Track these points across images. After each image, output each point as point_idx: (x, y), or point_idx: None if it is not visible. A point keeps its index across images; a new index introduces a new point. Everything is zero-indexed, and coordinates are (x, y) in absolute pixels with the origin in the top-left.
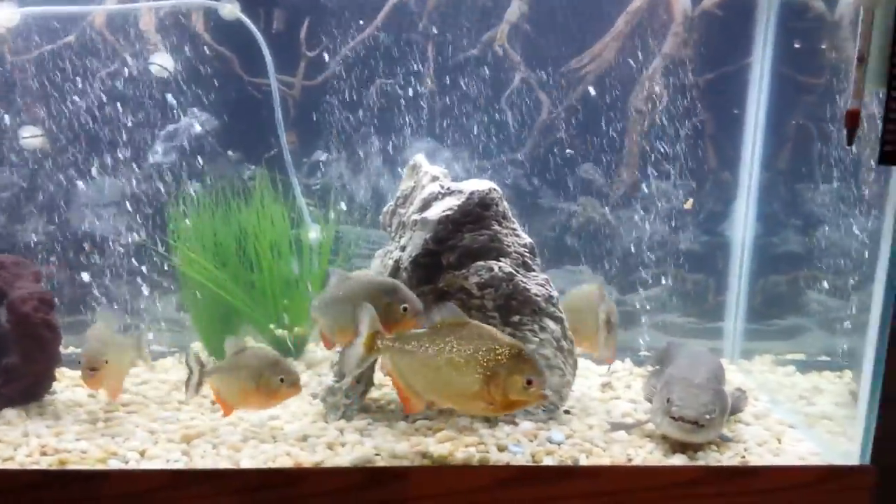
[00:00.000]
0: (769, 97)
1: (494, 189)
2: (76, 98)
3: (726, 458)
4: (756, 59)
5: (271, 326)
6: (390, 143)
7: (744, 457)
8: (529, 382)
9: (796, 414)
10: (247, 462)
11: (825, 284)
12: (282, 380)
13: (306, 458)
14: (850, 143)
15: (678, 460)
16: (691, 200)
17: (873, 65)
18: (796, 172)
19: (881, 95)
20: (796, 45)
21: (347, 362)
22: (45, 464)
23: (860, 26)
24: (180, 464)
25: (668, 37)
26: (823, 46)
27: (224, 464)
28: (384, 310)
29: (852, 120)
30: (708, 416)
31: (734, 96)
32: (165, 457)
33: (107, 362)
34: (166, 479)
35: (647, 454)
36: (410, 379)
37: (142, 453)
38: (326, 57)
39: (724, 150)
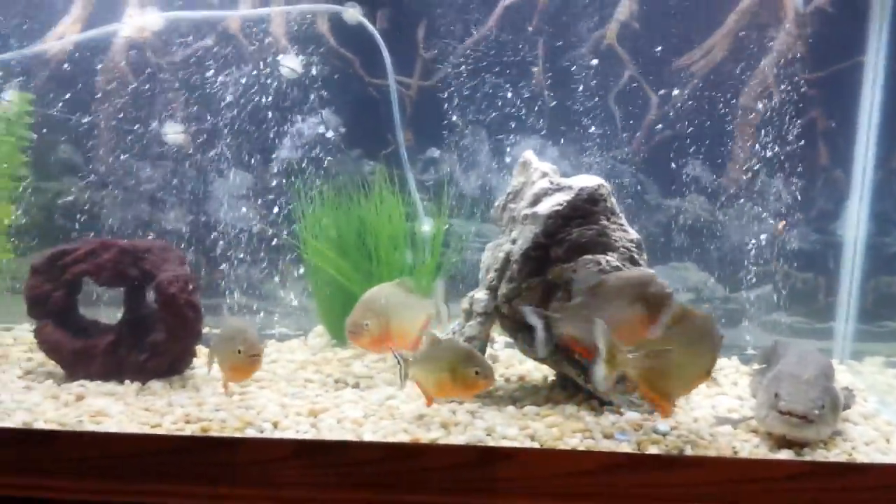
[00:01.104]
0: (883, 95)
1: (603, 185)
2: (216, 97)
3: (833, 455)
4: (870, 56)
5: None
6: (501, 140)
7: (851, 455)
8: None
9: None
10: (369, 436)
11: None
12: (476, 372)
13: (423, 434)
14: None
15: (784, 455)
16: (783, 223)
17: None
18: None
19: None
20: None
21: (597, 381)
22: (188, 431)
23: None
24: (309, 434)
25: (780, 34)
26: None
27: (349, 437)
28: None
29: None
30: (817, 412)
31: (847, 94)
32: (296, 428)
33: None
34: (298, 447)
35: (752, 448)
36: (659, 383)
37: (275, 424)
38: (442, 58)
39: (837, 148)
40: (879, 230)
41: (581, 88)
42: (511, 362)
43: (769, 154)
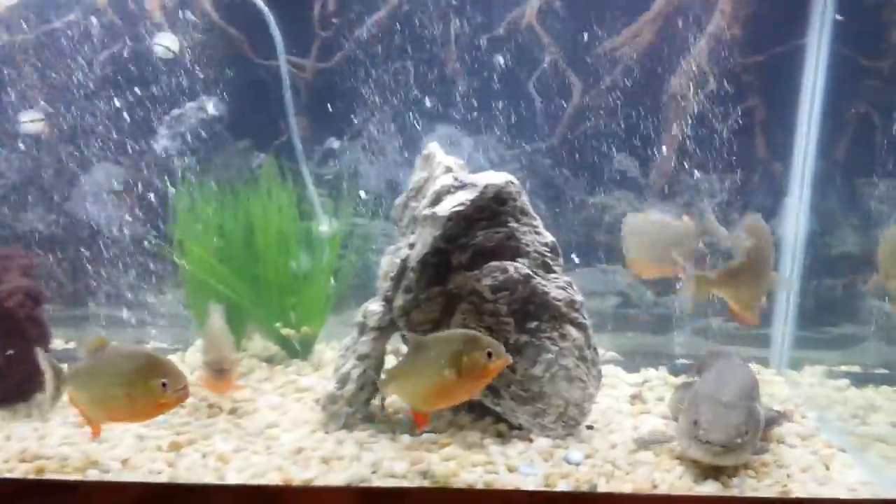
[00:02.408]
0: (826, 81)
1: (511, 182)
2: (78, 81)
3: (765, 485)
4: (812, 39)
5: (277, 325)
6: (409, 129)
7: (785, 485)
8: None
9: (847, 435)
10: (232, 476)
11: (886, 289)
12: (164, 384)
13: (297, 473)
14: None
15: (709, 487)
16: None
17: None
18: (855, 164)
19: None
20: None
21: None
22: (21, 471)
23: None
24: (162, 476)
25: (714, 14)
26: (889, 26)
27: (208, 477)
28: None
29: None
30: (738, 440)
31: (787, 80)
32: (148, 467)
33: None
34: (137, 493)
35: (675, 479)
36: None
37: (124, 462)
38: (341, 37)
39: (776, 138)
40: (821, 228)
41: (498, 73)
42: None
43: (703, 146)
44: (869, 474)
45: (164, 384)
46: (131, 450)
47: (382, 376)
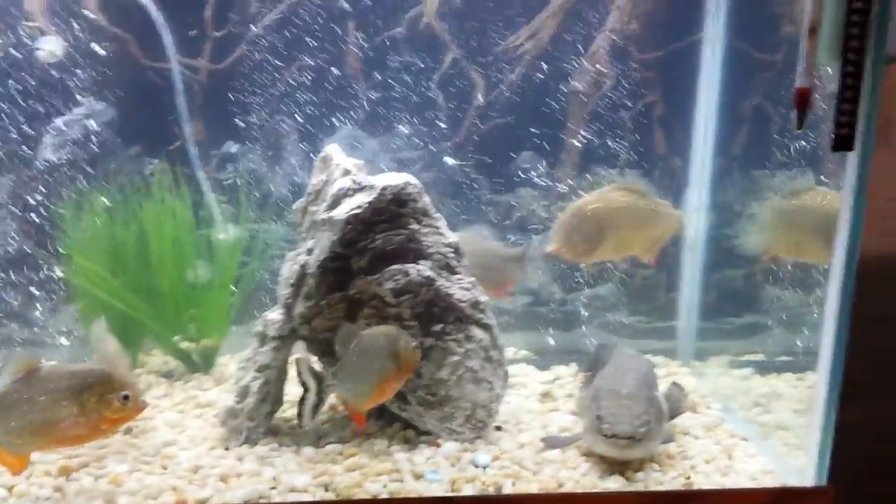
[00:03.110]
0: (722, 76)
1: (410, 183)
2: None
3: (669, 478)
4: (708, 33)
5: (175, 339)
6: (310, 131)
7: (689, 477)
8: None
9: (751, 424)
10: (124, 499)
11: (785, 279)
12: (126, 397)
13: (193, 493)
14: (800, 126)
15: (614, 483)
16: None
17: (826, 36)
18: (753, 158)
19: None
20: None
21: (305, 418)
22: None
23: None
24: (50, 502)
25: (612, 11)
26: (781, 18)
27: (98, 501)
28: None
29: (802, 99)
30: (643, 429)
31: (684, 75)
32: (36, 493)
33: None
34: None
35: (580, 476)
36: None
37: (10, 489)
38: (236, 38)
39: (674, 134)
40: (721, 221)
41: (399, 72)
42: None
43: (604, 142)
44: (772, 462)
45: (125, 397)
46: (19, 476)
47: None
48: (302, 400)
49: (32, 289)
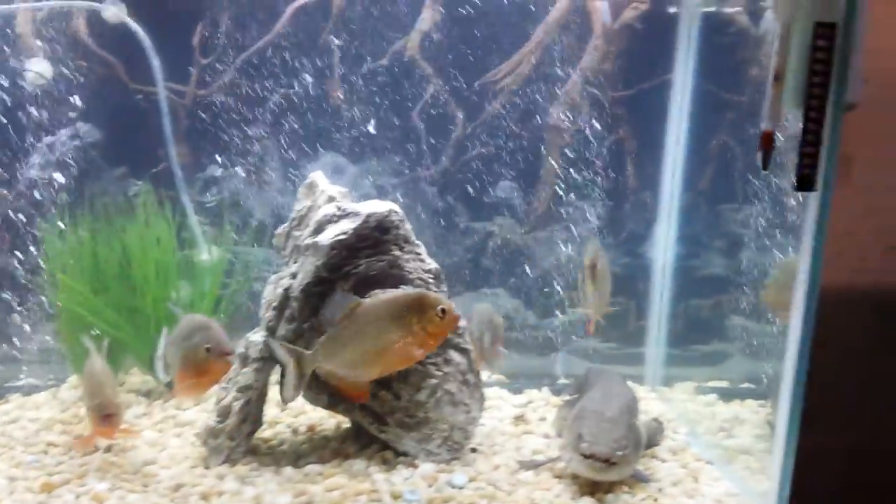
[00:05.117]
0: (691, 114)
1: (394, 210)
2: None
3: (638, 499)
4: (677, 74)
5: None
6: (293, 157)
7: (656, 499)
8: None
9: (715, 448)
10: None
11: (748, 309)
12: (443, 311)
13: None
14: (765, 166)
15: None
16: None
17: (790, 84)
18: (718, 193)
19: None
20: (717, 61)
21: (286, 394)
22: None
23: (776, 42)
24: None
25: (587, 51)
26: (747, 62)
27: None
28: None
29: (767, 142)
30: (620, 453)
31: (655, 113)
32: None
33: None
34: None
35: (553, 497)
36: (349, 374)
37: None
38: (222, 64)
39: (645, 169)
40: (688, 252)
41: (381, 103)
42: (303, 409)
43: (578, 175)
44: (735, 485)
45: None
46: (1, 492)
47: (314, 348)
48: (282, 377)
49: (13, 305)
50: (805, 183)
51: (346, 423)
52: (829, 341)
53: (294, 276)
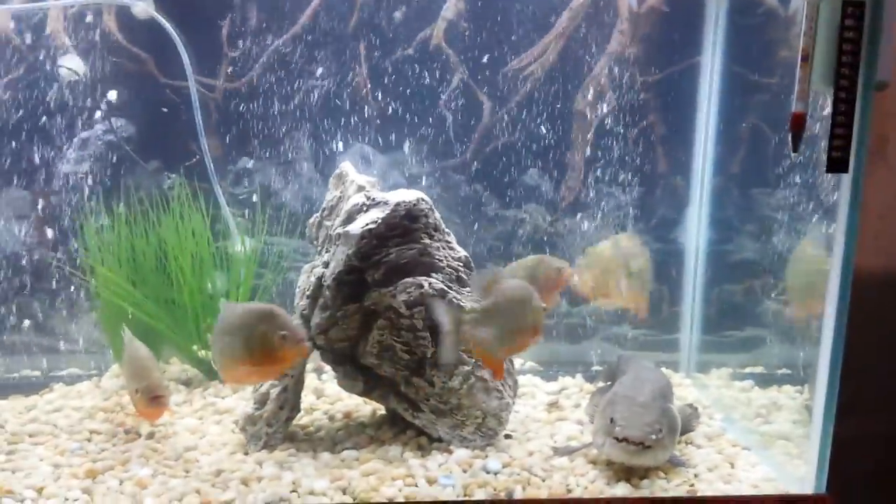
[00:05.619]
0: (720, 97)
1: (423, 199)
2: None
3: (674, 485)
4: (706, 57)
5: (194, 347)
6: (323, 148)
7: (692, 484)
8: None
9: (752, 434)
10: (150, 501)
11: (783, 292)
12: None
13: (216, 496)
14: (795, 148)
15: (621, 489)
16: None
17: (819, 64)
18: (750, 176)
19: (827, 98)
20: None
21: (446, 355)
22: None
23: (804, 22)
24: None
25: (613, 34)
26: (776, 44)
27: (125, 503)
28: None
29: (797, 123)
30: (654, 437)
31: (684, 97)
32: (64, 495)
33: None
34: None
35: (588, 483)
36: (493, 345)
37: (39, 491)
38: (250, 57)
39: (675, 153)
40: (720, 237)
41: (409, 92)
42: (340, 396)
43: (608, 160)
44: (772, 471)
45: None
46: (47, 478)
47: (466, 317)
48: (438, 339)
49: (53, 298)
50: (837, 164)
51: (381, 409)
52: (864, 326)
53: (326, 264)
